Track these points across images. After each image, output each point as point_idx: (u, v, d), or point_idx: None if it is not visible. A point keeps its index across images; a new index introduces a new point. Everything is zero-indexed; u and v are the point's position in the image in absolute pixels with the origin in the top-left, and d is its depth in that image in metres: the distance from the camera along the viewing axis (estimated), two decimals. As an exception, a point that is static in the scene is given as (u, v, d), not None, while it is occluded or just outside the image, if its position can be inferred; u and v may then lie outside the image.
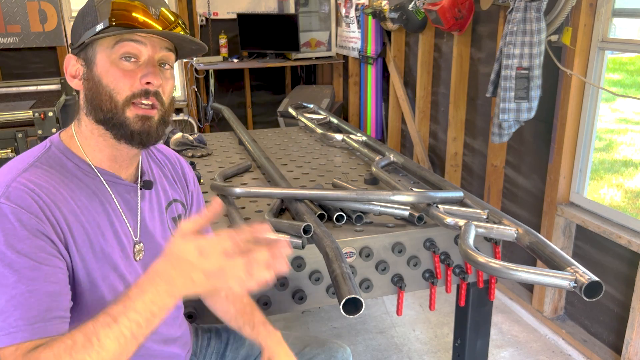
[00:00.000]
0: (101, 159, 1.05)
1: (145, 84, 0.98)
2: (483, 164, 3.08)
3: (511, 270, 1.23)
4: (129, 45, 0.97)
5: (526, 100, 2.34)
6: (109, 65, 0.98)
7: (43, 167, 0.99)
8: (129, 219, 1.08)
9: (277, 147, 2.67)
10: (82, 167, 1.03)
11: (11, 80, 4.16)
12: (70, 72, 1.03)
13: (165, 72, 1.03)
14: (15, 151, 2.89)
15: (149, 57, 0.99)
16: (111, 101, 0.98)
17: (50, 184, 0.96)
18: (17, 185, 0.92)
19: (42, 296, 0.88)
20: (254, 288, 0.81)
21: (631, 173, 5.38)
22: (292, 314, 2.73)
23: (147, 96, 0.99)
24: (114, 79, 0.98)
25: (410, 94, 3.90)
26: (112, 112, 0.98)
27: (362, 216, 1.68)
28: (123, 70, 0.98)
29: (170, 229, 1.18)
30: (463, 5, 2.84)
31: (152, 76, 0.98)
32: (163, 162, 1.24)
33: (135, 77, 0.98)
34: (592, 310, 2.44)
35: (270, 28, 4.90)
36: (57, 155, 1.02)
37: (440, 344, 2.52)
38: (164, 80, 1.01)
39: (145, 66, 0.99)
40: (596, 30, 2.27)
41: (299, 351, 1.41)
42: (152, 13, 0.99)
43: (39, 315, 0.87)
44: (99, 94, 0.99)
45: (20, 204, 0.90)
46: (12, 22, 4.45)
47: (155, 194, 1.16)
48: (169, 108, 1.04)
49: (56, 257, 0.92)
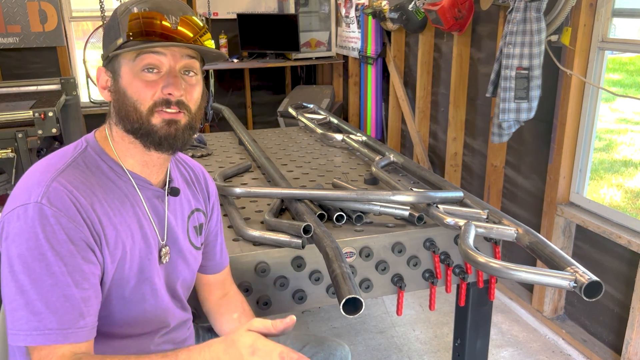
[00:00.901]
0: (133, 164, 1.07)
1: (167, 95, 1.00)
2: (483, 164, 3.08)
3: (511, 270, 1.23)
4: (150, 57, 0.99)
5: (526, 100, 2.34)
6: (132, 78, 1.00)
7: (80, 168, 1.02)
8: (156, 223, 1.11)
9: (277, 147, 2.67)
10: (116, 170, 1.06)
11: (11, 80, 4.16)
12: (100, 83, 1.06)
13: (190, 79, 1.04)
14: (15, 151, 2.89)
15: (170, 67, 1.01)
16: (136, 112, 1.00)
17: (86, 185, 0.99)
18: (57, 186, 0.95)
19: (76, 301, 0.92)
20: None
21: (631, 173, 5.38)
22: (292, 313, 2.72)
23: (169, 105, 1.01)
24: (137, 90, 1.00)
25: (410, 94, 3.90)
26: (139, 122, 1.01)
27: (362, 216, 1.68)
28: (145, 82, 1.00)
29: (190, 236, 1.21)
30: (463, 5, 2.84)
31: (172, 87, 1.00)
32: (188, 172, 1.27)
33: (157, 87, 1.00)
34: (592, 310, 2.45)
35: (270, 28, 4.90)
36: (92, 156, 1.05)
37: (440, 344, 2.52)
38: (188, 88, 1.03)
39: (167, 76, 1.00)
40: (596, 30, 2.27)
41: (298, 350, 1.41)
42: (172, 22, 1.01)
43: (72, 320, 0.91)
44: (125, 105, 1.01)
45: (60, 207, 0.93)
46: (12, 22, 4.45)
47: (179, 201, 1.19)
48: (196, 114, 1.06)
49: (91, 262, 0.96)
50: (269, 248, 1.53)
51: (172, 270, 1.16)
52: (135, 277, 1.05)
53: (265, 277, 1.52)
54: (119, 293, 1.03)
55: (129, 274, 1.04)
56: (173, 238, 1.15)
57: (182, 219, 1.19)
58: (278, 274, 1.53)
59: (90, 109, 4.78)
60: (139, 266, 1.05)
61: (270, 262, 1.52)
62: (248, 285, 1.51)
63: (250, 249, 1.53)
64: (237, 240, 1.58)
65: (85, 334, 0.93)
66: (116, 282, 1.02)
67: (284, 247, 1.52)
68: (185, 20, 1.03)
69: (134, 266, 1.04)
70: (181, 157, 1.29)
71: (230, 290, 1.37)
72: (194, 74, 1.05)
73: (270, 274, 1.52)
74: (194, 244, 1.22)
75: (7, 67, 4.54)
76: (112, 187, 1.04)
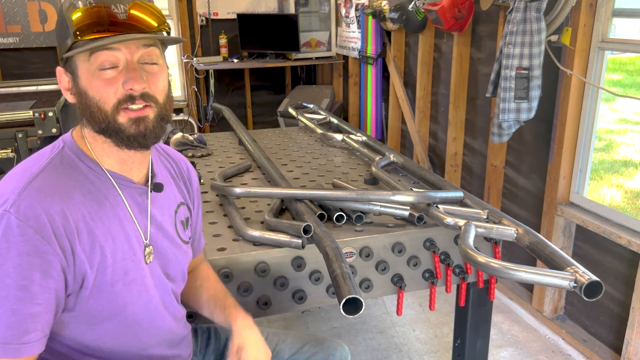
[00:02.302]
0: (111, 163, 1.04)
1: (129, 90, 0.96)
2: (483, 164, 3.08)
3: (511, 270, 1.23)
4: (103, 55, 0.94)
5: (526, 100, 2.34)
6: (91, 77, 0.96)
7: (56, 170, 0.98)
8: (140, 222, 1.08)
9: (277, 147, 2.67)
10: (94, 169, 1.02)
11: (11, 80, 4.16)
12: (63, 85, 1.02)
13: (151, 68, 0.99)
14: (15, 151, 2.89)
15: (127, 61, 0.96)
16: (100, 111, 0.96)
17: (62, 189, 0.96)
18: (28, 194, 0.92)
19: (23, 317, 0.89)
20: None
21: (631, 173, 5.38)
22: (292, 313, 2.73)
23: (134, 100, 0.96)
24: (98, 90, 0.96)
25: (410, 94, 3.90)
26: (105, 121, 0.97)
27: (362, 216, 1.68)
28: (104, 80, 0.95)
29: (179, 231, 1.18)
30: (463, 5, 2.84)
31: (132, 82, 0.95)
32: (172, 165, 1.24)
33: (117, 83, 0.95)
34: (592, 310, 2.45)
35: (270, 28, 4.90)
36: (70, 156, 1.01)
37: (440, 344, 2.52)
38: (151, 78, 0.98)
39: (125, 71, 0.96)
40: (596, 30, 2.27)
41: (297, 350, 1.41)
42: (120, 12, 0.94)
43: (14, 335, 0.88)
44: (88, 106, 0.97)
45: (29, 217, 0.90)
46: (12, 22, 4.45)
47: (166, 196, 1.16)
48: (165, 103, 1.02)
49: (50, 277, 0.92)
50: (269, 248, 1.53)
51: (164, 267, 1.13)
52: (121, 280, 1.02)
53: (265, 277, 1.52)
54: (104, 297, 1.00)
55: (113, 277, 1.00)
56: (159, 236, 1.12)
57: (169, 214, 1.16)
58: (278, 274, 1.53)
59: (90, 109, 4.78)
60: (123, 269, 1.02)
61: (270, 262, 1.52)
62: (248, 285, 1.51)
63: (250, 249, 1.53)
64: (237, 240, 1.58)
65: (28, 349, 0.89)
66: (99, 287, 0.99)
67: (284, 247, 1.52)
68: (136, 6, 0.96)
69: (117, 269, 1.01)
70: (163, 149, 1.25)
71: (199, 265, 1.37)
72: (155, 63, 1.00)
73: (270, 274, 1.52)
74: (182, 239, 1.19)
75: (7, 67, 4.54)
76: (91, 189, 1.00)
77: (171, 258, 1.15)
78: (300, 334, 1.48)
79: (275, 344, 1.42)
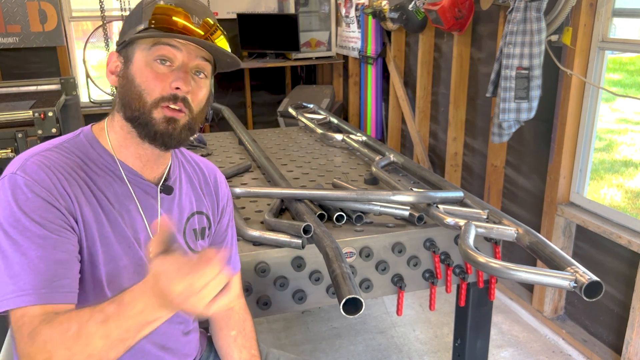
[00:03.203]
0: (126, 155, 1.06)
1: (175, 89, 0.99)
2: (483, 164, 3.08)
3: (511, 270, 1.23)
4: (165, 49, 0.99)
5: (526, 100, 2.34)
6: (144, 66, 1.00)
7: (66, 150, 1.02)
8: (147, 216, 1.08)
9: (277, 147, 2.67)
10: (105, 158, 1.05)
11: (11, 80, 4.16)
12: (110, 67, 1.05)
13: (199, 80, 1.03)
14: (15, 151, 2.89)
15: (183, 62, 1.00)
16: (140, 100, 1.00)
17: (67, 164, 0.99)
18: (34, 160, 0.97)
19: (51, 263, 0.91)
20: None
21: (631, 173, 5.38)
22: (292, 314, 2.73)
23: (175, 101, 1.00)
24: (146, 79, 0.99)
25: (410, 94, 3.90)
26: (140, 110, 1.00)
27: (362, 216, 1.68)
28: (156, 73, 0.99)
29: (187, 238, 1.17)
30: (463, 5, 2.84)
31: (181, 82, 0.99)
32: (196, 173, 1.23)
33: (166, 80, 0.99)
34: (592, 310, 2.44)
35: (270, 28, 4.90)
36: (83, 142, 1.05)
37: (440, 344, 2.52)
38: (196, 89, 1.02)
39: (177, 71, 1.00)
40: (596, 30, 2.27)
41: None
42: (194, 21, 1.01)
43: (45, 280, 0.90)
44: (130, 92, 1.00)
45: (34, 177, 0.94)
46: (12, 22, 4.44)
47: (177, 201, 1.15)
48: (197, 116, 1.05)
49: (66, 229, 0.95)
50: (269, 248, 1.53)
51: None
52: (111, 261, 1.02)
53: (265, 277, 1.52)
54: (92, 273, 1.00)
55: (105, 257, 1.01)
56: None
57: (179, 219, 1.15)
58: (278, 274, 1.53)
59: (90, 109, 4.78)
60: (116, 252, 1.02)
61: (270, 262, 1.52)
62: (248, 285, 1.51)
63: (250, 249, 1.53)
64: (237, 241, 1.58)
65: (61, 296, 0.90)
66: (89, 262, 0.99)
67: (284, 247, 1.52)
68: (208, 22, 1.03)
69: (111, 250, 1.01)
70: (192, 158, 1.25)
71: (236, 305, 1.29)
72: (205, 77, 1.04)
73: (270, 274, 1.52)
74: (190, 247, 1.17)
75: (7, 67, 4.54)
76: (98, 172, 1.03)
77: None
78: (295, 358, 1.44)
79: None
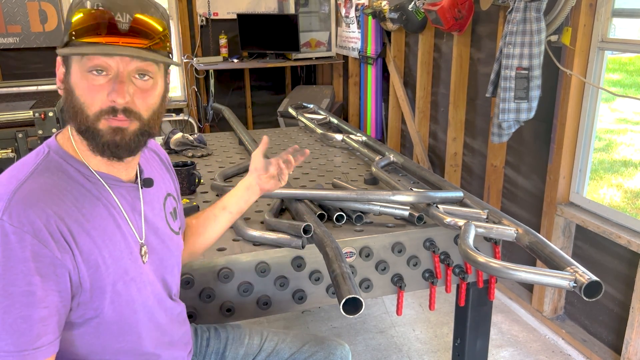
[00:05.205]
0: (97, 163, 1.01)
1: (111, 102, 0.93)
2: (483, 164, 3.08)
3: (511, 270, 1.23)
4: (97, 59, 0.92)
5: (526, 101, 2.34)
6: (80, 77, 0.93)
7: (44, 175, 0.95)
8: (133, 221, 1.07)
9: (277, 147, 2.67)
10: (82, 172, 1.00)
11: (11, 80, 4.16)
12: (58, 75, 0.99)
13: (144, 83, 0.96)
14: (15, 151, 2.89)
15: (119, 71, 0.93)
16: (82, 113, 0.94)
17: (53, 193, 0.93)
18: (19, 199, 0.90)
19: (34, 322, 0.88)
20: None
21: (631, 173, 5.38)
22: (292, 313, 2.73)
23: (116, 114, 0.94)
24: (84, 92, 0.93)
25: (410, 94, 3.90)
26: (85, 124, 0.95)
27: (362, 216, 1.68)
28: (92, 85, 0.93)
29: (169, 222, 1.18)
30: (463, 5, 2.84)
31: (115, 94, 0.92)
32: (152, 155, 1.24)
33: (103, 92, 0.93)
34: (592, 310, 2.45)
35: (270, 28, 4.91)
36: (56, 160, 0.99)
37: (440, 344, 2.52)
38: (140, 93, 0.96)
39: (113, 81, 0.93)
40: (596, 30, 2.27)
41: (297, 349, 1.41)
42: (121, 23, 0.92)
43: (29, 342, 0.88)
44: (72, 105, 0.95)
45: (23, 222, 0.88)
46: (12, 22, 4.45)
47: (154, 190, 1.15)
48: (150, 119, 0.99)
49: (52, 280, 0.90)
50: (269, 248, 1.53)
51: (159, 264, 1.13)
52: (121, 279, 1.01)
53: (265, 277, 1.52)
54: (100, 298, 0.99)
55: (111, 279, 0.99)
56: (153, 231, 1.11)
57: (159, 208, 1.15)
58: (278, 274, 1.53)
59: (90, 109, 4.78)
60: (122, 268, 1.01)
61: (270, 262, 1.52)
62: (248, 285, 1.51)
63: (250, 249, 1.53)
64: (237, 240, 1.58)
65: (43, 353, 0.90)
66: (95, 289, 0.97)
67: (284, 247, 1.52)
68: (140, 20, 0.94)
69: (117, 268, 1.00)
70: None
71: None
72: (150, 77, 0.97)
73: (270, 274, 1.52)
74: (173, 230, 1.19)
75: (7, 67, 4.54)
76: (82, 191, 0.98)
77: (166, 254, 1.15)
78: (300, 333, 1.47)
79: (275, 344, 1.42)
